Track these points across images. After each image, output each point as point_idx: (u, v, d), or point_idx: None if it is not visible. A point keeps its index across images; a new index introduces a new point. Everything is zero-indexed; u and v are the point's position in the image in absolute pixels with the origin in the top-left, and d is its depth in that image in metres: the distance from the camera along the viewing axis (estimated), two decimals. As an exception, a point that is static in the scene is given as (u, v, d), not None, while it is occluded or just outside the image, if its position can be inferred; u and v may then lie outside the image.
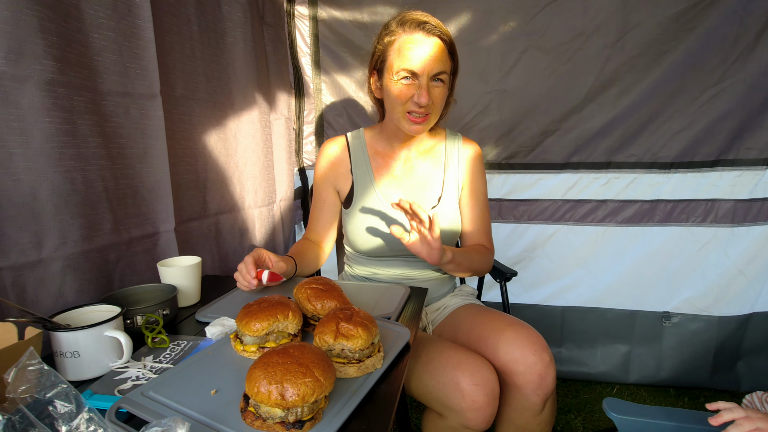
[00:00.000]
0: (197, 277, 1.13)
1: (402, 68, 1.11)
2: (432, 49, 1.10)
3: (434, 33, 1.11)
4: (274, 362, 0.63)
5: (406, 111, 1.15)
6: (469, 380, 0.98)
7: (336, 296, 0.90)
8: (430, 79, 1.11)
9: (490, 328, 1.12)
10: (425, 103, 1.11)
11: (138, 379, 0.77)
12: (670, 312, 1.88)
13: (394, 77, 1.13)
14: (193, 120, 1.41)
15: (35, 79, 0.92)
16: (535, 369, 1.03)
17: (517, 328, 1.09)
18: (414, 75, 1.11)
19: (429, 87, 1.11)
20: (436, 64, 1.10)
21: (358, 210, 1.27)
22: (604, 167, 1.83)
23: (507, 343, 1.06)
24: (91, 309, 0.88)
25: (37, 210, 0.94)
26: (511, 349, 1.05)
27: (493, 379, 1.00)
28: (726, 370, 1.89)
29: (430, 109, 1.15)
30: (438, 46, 1.11)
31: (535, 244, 1.93)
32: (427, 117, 1.16)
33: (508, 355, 1.05)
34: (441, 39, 1.12)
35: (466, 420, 0.98)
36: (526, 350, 1.04)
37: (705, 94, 1.69)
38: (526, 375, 1.03)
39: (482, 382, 0.98)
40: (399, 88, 1.13)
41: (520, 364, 1.03)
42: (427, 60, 1.09)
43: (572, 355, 2.01)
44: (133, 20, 1.16)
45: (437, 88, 1.14)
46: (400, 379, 0.77)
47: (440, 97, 1.15)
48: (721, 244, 1.79)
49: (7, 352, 0.63)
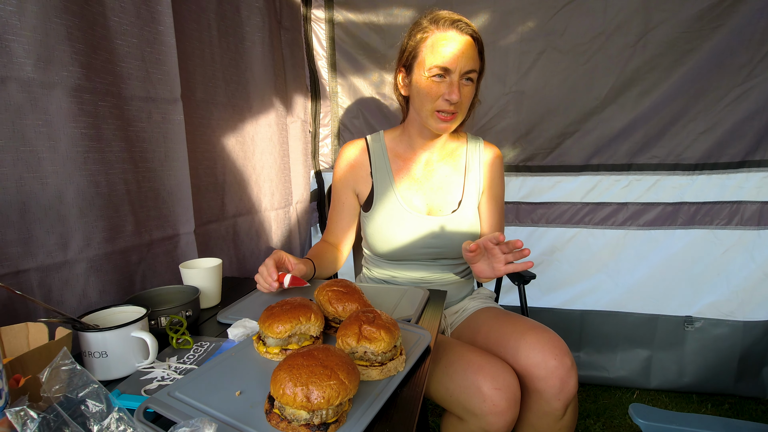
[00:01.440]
0: (218, 279, 1.14)
1: (435, 64, 1.11)
2: (465, 47, 1.11)
3: (467, 31, 1.12)
4: (299, 364, 0.63)
5: (435, 109, 1.15)
6: (490, 384, 0.97)
7: (357, 299, 0.90)
8: (460, 77, 1.12)
9: (511, 331, 1.11)
10: (456, 99, 1.11)
11: (163, 379, 0.78)
12: (693, 316, 1.84)
13: (426, 73, 1.13)
14: (212, 123, 1.43)
15: (63, 85, 0.94)
16: (556, 373, 1.01)
17: (539, 332, 1.07)
18: (446, 72, 1.12)
19: (459, 84, 1.12)
20: (468, 61, 1.11)
21: (378, 213, 1.27)
22: (625, 169, 1.80)
23: (528, 347, 1.05)
24: (117, 310, 0.89)
25: (63, 213, 0.96)
26: (532, 354, 1.03)
27: (514, 384, 0.99)
28: (751, 377, 1.84)
29: (459, 107, 1.15)
30: (470, 44, 1.12)
31: (554, 248, 1.91)
32: (455, 116, 1.16)
33: (528, 359, 1.03)
34: (473, 38, 1.13)
35: (486, 424, 0.97)
36: (547, 354, 1.02)
37: (731, 94, 1.66)
38: (548, 380, 1.02)
39: (503, 386, 0.97)
40: (430, 85, 1.13)
41: (541, 369, 1.02)
42: (460, 57, 1.10)
43: (591, 359, 1.98)
44: (155, 27, 1.18)
45: (466, 87, 1.14)
46: (423, 383, 0.77)
47: (468, 96, 1.16)
48: (747, 247, 1.75)
49: (40, 352, 0.64)
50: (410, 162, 1.30)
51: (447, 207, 1.27)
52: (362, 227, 1.35)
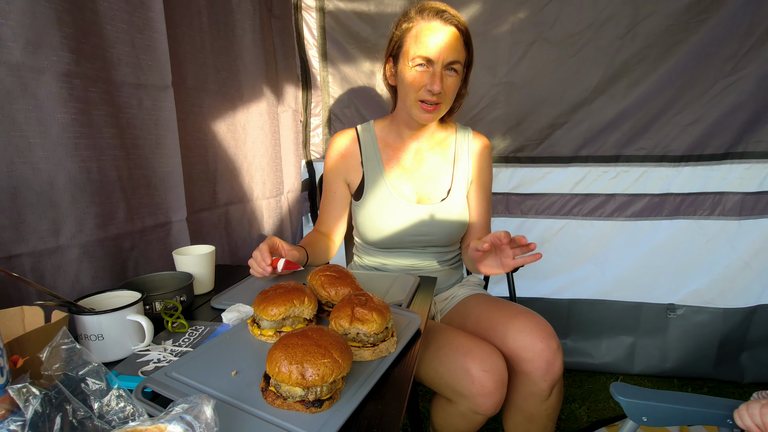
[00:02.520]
0: (211, 266, 1.15)
1: (417, 54, 1.13)
2: (448, 38, 1.12)
3: (451, 22, 1.13)
4: (294, 344, 0.65)
5: (419, 99, 1.16)
6: (478, 366, 1.00)
7: (349, 283, 0.92)
8: (444, 67, 1.13)
9: (499, 316, 1.14)
10: (438, 90, 1.13)
11: (159, 361, 0.79)
12: (675, 304, 1.89)
13: (410, 63, 1.15)
14: (203, 111, 1.43)
15: (52, 70, 0.93)
16: (543, 356, 1.04)
17: (526, 316, 1.11)
18: (429, 62, 1.13)
19: (443, 75, 1.13)
20: (450, 52, 1.12)
21: (368, 202, 1.29)
22: (613, 161, 1.83)
23: (516, 330, 1.08)
24: (112, 294, 0.90)
25: (55, 198, 0.96)
26: (520, 337, 1.07)
27: (501, 366, 1.02)
28: (730, 362, 1.91)
29: (442, 98, 1.16)
30: (454, 35, 1.13)
31: (543, 239, 1.94)
32: (438, 106, 1.17)
33: (516, 342, 1.07)
34: (458, 29, 1.13)
35: (475, 405, 1.00)
36: (534, 337, 1.06)
37: (717, 86, 1.69)
38: (534, 362, 1.05)
39: (491, 368, 1.00)
40: (413, 75, 1.15)
41: (529, 351, 1.05)
42: (442, 47, 1.11)
43: (577, 346, 2.03)
44: (145, 12, 1.17)
45: (450, 78, 1.15)
46: (413, 364, 0.79)
47: (452, 87, 1.17)
48: (729, 236, 1.80)
49: (37, 334, 0.65)
50: (400, 151, 1.32)
51: (436, 195, 1.29)
52: (353, 216, 1.37)
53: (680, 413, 0.88)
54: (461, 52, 1.15)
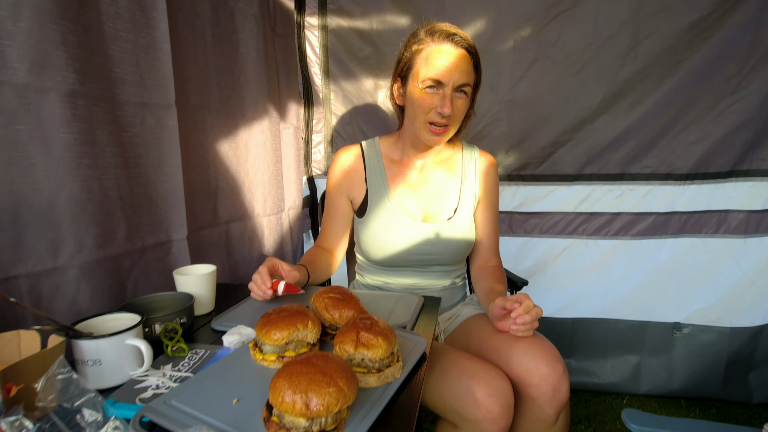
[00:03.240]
0: (212, 286, 1.13)
1: (428, 77, 1.12)
2: (458, 61, 1.11)
3: (462, 45, 1.13)
4: (298, 372, 0.63)
5: (428, 121, 1.16)
6: (484, 390, 0.97)
7: (354, 305, 0.90)
8: (453, 89, 1.13)
9: (503, 338, 1.11)
10: (448, 113, 1.12)
11: (158, 387, 0.77)
12: (681, 323, 1.86)
13: (419, 85, 1.14)
14: (205, 129, 1.43)
15: (57, 90, 0.93)
16: (548, 380, 1.02)
17: (531, 339, 1.08)
18: (439, 84, 1.13)
19: (452, 97, 1.13)
20: (461, 75, 1.12)
21: (372, 219, 1.27)
22: (618, 179, 1.82)
23: (520, 353, 1.05)
24: (110, 317, 0.88)
25: (55, 218, 0.95)
26: (525, 360, 1.04)
27: (508, 390, 0.99)
28: (737, 382, 1.87)
29: (451, 120, 1.16)
30: (465, 58, 1.13)
31: (547, 259, 1.92)
32: (447, 128, 1.17)
33: (521, 366, 1.04)
34: (468, 51, 1.14)
35: (480, 431, 0.98)
36: (539, 361, 1.03)
37: (720, 104, 1.69)
38: (540, 386, 1.02)
39: (497, 392, 0.97)
40: (423, 97, 1.15)
41: (534, 375, 1.02)
42: (453, 70, 1.11)
43: (582, 365, 1.99)
44: (151, 33, 1.18)
45: (460, 100, 1.15)
46: (419, 389, 0.77)
47: (461, 109, 1.17)
48: (734, 254, 1.78)
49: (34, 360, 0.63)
50: (405, 168, 1.31)
51: (442, 214, 1.28)
52: (356, 233, 1.35)
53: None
54: (471, 74, 1.15)
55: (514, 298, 1.04)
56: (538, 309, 1.03)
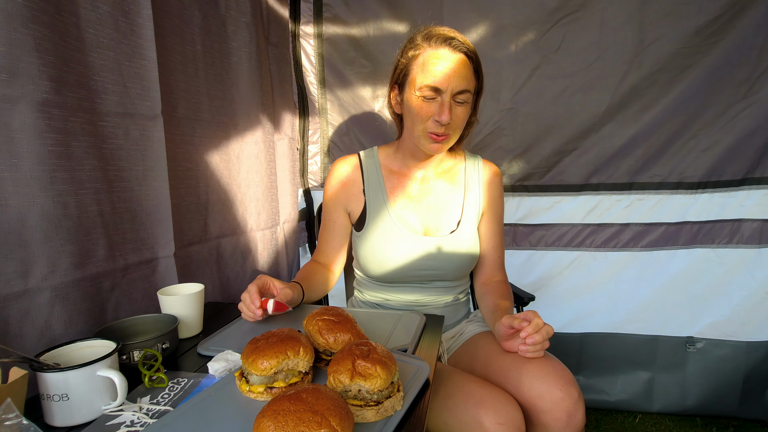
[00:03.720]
0: (200, 306, 1.06)
1: (425, 84, 1.06)
2: (456, 66, 1.05)
3: (460, 49, 1.06)
4: (285, 410, 0.56)
5: (427, 129, 1.10)
6: (492, 419, 0.89)
7: (350, 329, 0.83)
8: (453, 96, 1.07)
9: (511, 359, 1.03)
10: (446, 121, 1.06)
11: (133, 424, 0.70)
12: (695, 337, 1.79)
13: (416, 93, 1.08)
14: (195, 141, 1.37)
15: (28, 99, 0.87)
16: (562, 405, 0.94)
17: (542, 360, 1.00)
18: (437, 91, 1.06)
19: (451, 105, 1.07)
20: (460, 81, 1.06)
21: (370, 233, 1.21)
22: (626, 188, 1.76)
23: (531, 377, 0.97)
24: (83, 345, 0.81)
25: (25, 237, 0.88)
26: (536, 384, 0.96)
27: (518, 418, 0.91)
28: (755, 399, 1.79)
29: (451, 128, 1.10)
30: (463, 62, 1.06)
31: (553, 272, 1.85)
32: (447, 137, 1.11)
33: (532, 391, 0.96)
34: (467, 56, 1.07)
35: None
36: (552, 385, 0.95)
37: (731, 110, 1.64)
38: (553, 412, 0.94)
39: (507, 420, 0.89)
40: (420, 104, 1.08)
41: (546, 401, 0.94)
42: (451, 76, 1.05)
43: (591, 382, 1.91)
44: (135, 40, 1.12)
45: (459, 107, 1.09)
46: (422, 423, 0.70)
47: (462, 116, 1.10)
48: (748, 266, 1.72)
49: (-15, 401, 0.56)
50: (405, 179, 1.25)
51: (445, 227, 1.21)
52: (354, 248, 1.29)
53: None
54: (471, 80, 1.08)
55: (522, 316, 0.97)
56: (548, 327, 0.96)
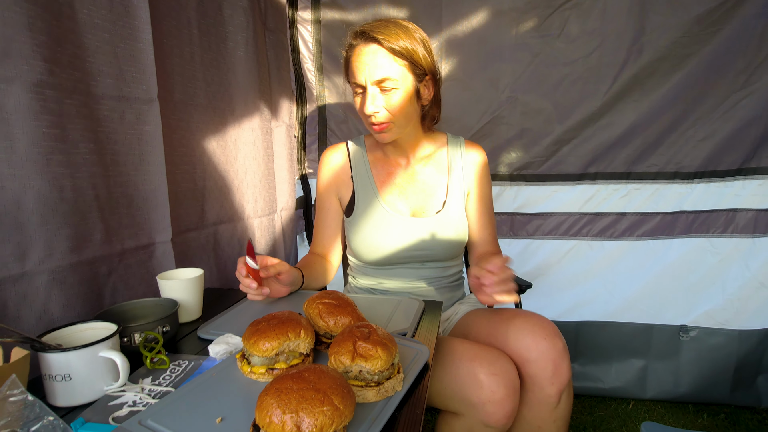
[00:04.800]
0: (199, 291, 1.06)
1: (351, 82, 1.13)
2: (368, 57, 1.07)
3: (371, 39, 1.07)
4: (287, 388, 0.56)
5: (369, 122, 1.14)
6: (487, 370, 0.92)
7: (350, 312, 0.83)
8: (377, 86, 1.09)
9: (498, 320, 1.07)
10: (371, 110, 1.09)
11: (135, 404, 0.69)
12: (688, 326, 1.81)
13: (353, 92, 1.15)
14: (191, 126, 1.36)
15: (22, 80, 0.86)
16: (548, 355, 0.97)
17: (527, 315, 1.04)
18: (361, 86, 1.10)
19: (374, 96, 1.09)
20: (375, 70, 1.07)
21: (359, 217, 1.23)
22: (623, 178, 1.76)
23: (516, 330, 1.01)
24: (84, 327, 0.80)
25: (21, 220, 0.87)
26: (521, 335, 1.00)
27: (511, 370, 0.95)
28: (746, 386, 1.82)
29: (388, 117, 1.11)
30: (376, 51, 1.07)
31: (550, 261, 1.85)
32: (388, 125, 1.13)
33: (518, 342, 0.99)
34: (380, 44, 1.07)
35: (485, 415, 0.92)
36: (537, 336, 0.99)
37: (729, 100, 1.64)
38: (539, 362, 0.98)
39: (501, 371, 0.92)
40: (356, 101, 1.15)
41: (532, 351, 0.98)
42: (365, 68, 1.08)
43: (586, 370, 1.93)
44: (130, 21, 1.11)
45: (388, 94, 1.09)
46: (423, 403, 0.70)
47: (396, 104, 1.10)
48: (742, 255, 1.73)
49: (-13, 379, 0.55)
50: (390, 165, 1.27)
51: (431, 208, 1.23)
52: (346, 234, 1.30)
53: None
54: (390, 66, 1.08)
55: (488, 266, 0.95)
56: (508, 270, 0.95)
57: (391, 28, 1.08)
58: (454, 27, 1.75)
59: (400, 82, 1.09)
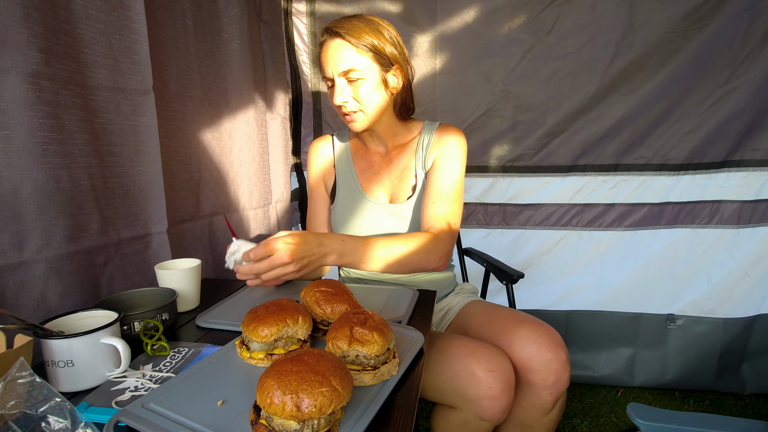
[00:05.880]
0: (197, 281, 1.07)
1: (322, 77, 1.18)
2: (333, 50, 1.12)
3: (335, 34, 1.11)
4: (287, 370, 0.58)
5: (341, 113, 1.18)
6: (484, 367, 0.95)
7: (346, 300, 0.85)
8: (344, 78, 1.12)
9: (504, 324, 1.09)
10: (340, 101, 1.13)
11: (137, 389, 0.71)
12: (675, 314, 1.85)
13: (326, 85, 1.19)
14: (186, 117, 1.36)
15: (18, 70, 0.86)
16: (551, 367, 1.00)
17: (533, 325, 1.06)
18: (330, 79, 1.15)
19: (342, 87, 1.13)
20: (339, 62, 1.11)
21: (340, 203, 1.28)
22: (612, 170, 1.80)
23: (522, 339, 1.03)
24: (85, 315, 0.81)
25: (19, 209, 0.87)
26: (527, 346, 1.02)
27: (508, 367, 0.97)
28: (731, 373, 1.87)
29: (356, 106, 1.14)
30: (340, 44, 1.11)
31: (542, 251, 1.89)
32: (355, 113, 1.16)
33: (523, 352, 1.01)
34: (343, 37, 1.11)
35: (481, 409, 0.95)
36: (542, 347, 1.01)
37: (714, 94, 1.68)
38: (541, 372, 1.00)
39: (498, 368, 0.95)
40: (329, 95, 1.18)
41: (536, 361, 1.00)
42: (330, 62, 1.12)
43: (576, 359, 1.97)
44: (125, 12, 1.10)
45: (354, 85, 1.13)
46: (417, 387, 0.73)
47: (363, 93, 1.13)
48: (727, 245, 1.77)
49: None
50: (370, 154, 1.31)
51: (403, 195, 1.26)
52: (332, 223, 1.33)
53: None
54: (353, 58, 1.11)
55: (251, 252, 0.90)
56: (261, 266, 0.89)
57: (353, 23, 1.12)
58: (448, 22, 1.76)
59: (365, 72, 1.12)
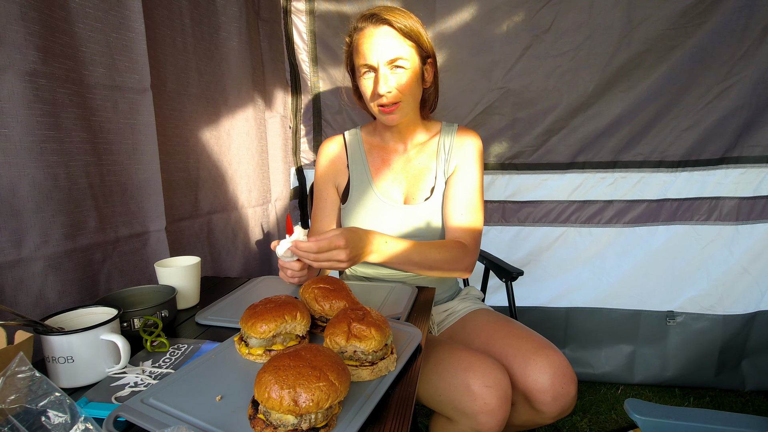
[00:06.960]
0: (197, 278, 1.08)
1: (361, 64, 1.14)
2: (380, 38, 1.10)
3: (382, 21, 1.10)
4: (285, 365, 0.58)
5: (377, 105, 1.15)
6: (480, 382, 0.94)
7: (344, 296, 0.85)
8: (388, 67, 1.11)
9: (518, 345, 1.07)
10: (384, 91, 1.11)
11: (136, 385, 0.72)
12: (675, 311, 1.85)
13: (360, 75, 1.15)
14: (184, 116, 1.36)
15: (15, 68, 0.86)
16: (560, 402, 1.01)
17: (549, 355, 1.04)
18: (371, 68, 1.12)
19: (386, 76, 1.11)
20: (387, 50, 1.10)
21: (354, 204, 1.26)
22: (610, 167, 1.80)
23: (537, 370, 1.02)
24: (85, 312, 0.82)
25: (17, 207, 0.88)
26: (541, 379, 1.01)
27: (505, 381, 0.97)
28: (731, 369, 1.87)
29: (398, 97, 1.13)
30: (387, 32, 1.10)
31: (541, 248, 1.89)
32: (398, 105, 1.15)
33: (537, 384, 1.02)
34: (391, 26, 1.10)
35: (477, 424, 0.94)
36: (556, 382, 1.01)
37: (712, 91, 1.67)
38: (551, 404, 1.01)
39: (494, 384, 0.94)
40: (364, 85, 1.15)
41: (548, 395, 1.01)
42: (377, 49, 1.10)
43: (576, 356, 1.97)
44: (122, 11, 1.11)
45: (398, 75, 1.12)
46: (414, 383, 0.73)
47: (406, 84, 1.13)
48: (726, 242, 1.77)
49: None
50: (385, 153, 1.30)
51: (421, 195, 1.25)
52: (341, 221, 1.33)
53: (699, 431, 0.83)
54: (402, 47, 1.11)
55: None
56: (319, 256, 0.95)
57: (396, 12, 1.11)
58: (447, 19, 1.76)
59: (410, 62, 1.12)
